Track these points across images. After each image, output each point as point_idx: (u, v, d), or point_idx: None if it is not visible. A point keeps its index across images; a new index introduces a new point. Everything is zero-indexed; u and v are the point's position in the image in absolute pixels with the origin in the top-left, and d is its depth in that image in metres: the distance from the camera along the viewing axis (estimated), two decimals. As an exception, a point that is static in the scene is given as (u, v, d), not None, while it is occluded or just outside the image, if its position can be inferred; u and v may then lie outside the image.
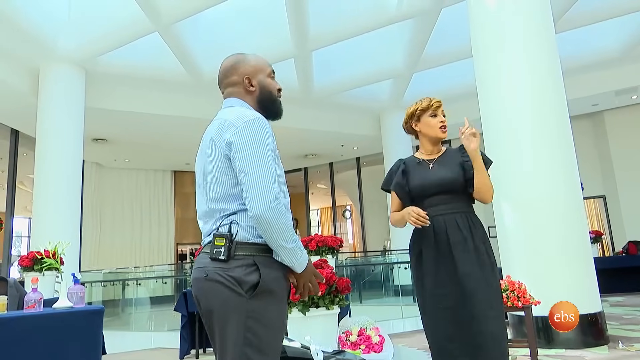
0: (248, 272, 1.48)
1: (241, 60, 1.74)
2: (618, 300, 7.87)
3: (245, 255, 1.50)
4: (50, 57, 8.10)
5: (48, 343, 2.99)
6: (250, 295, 1.47)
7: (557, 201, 4.72)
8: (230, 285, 1.47)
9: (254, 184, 1.47)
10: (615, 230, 11.44)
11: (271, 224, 1.45)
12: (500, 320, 2.26)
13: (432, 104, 2.49)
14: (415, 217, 2.27)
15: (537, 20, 5.12)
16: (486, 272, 2.28)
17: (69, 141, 8.25)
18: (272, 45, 8.51)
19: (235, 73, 1.72)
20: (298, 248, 1.52)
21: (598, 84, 10.21)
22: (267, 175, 1.48)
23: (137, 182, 14.73)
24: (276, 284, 1.52)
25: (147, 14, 7.11)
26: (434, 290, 2.32)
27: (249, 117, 1.55)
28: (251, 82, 1.72)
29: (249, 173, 1.48)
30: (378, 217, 14.42)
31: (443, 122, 2.47)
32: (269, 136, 1.56)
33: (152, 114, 9.91)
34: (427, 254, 2.37)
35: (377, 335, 3.52)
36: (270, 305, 1.49)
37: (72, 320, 3.11)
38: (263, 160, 1.50)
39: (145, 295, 10.45)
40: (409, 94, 10.76)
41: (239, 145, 1.51)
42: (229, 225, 1.52)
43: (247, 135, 1.51)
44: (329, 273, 3.24)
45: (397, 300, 9.07)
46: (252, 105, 1.72)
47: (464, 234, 2.32)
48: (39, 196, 8.04)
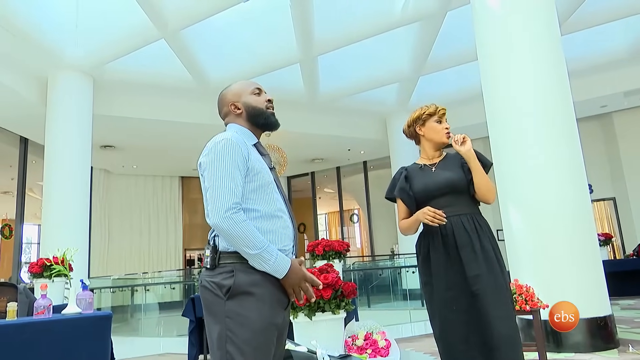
0: (226, 277, 1.63)
1: (225, 92, 1.93)
2: (629, 304, 7.78)
3: (227, 263, 1.65)
4: (59, 65, 8.20)
5: (57, 349, 3.01)
6: (227, 297, 1.61)
7: (565, 204, 4.68)
8: (212, 289, 1.64)
9: (211, 197, 1.63)
10: (625, 233, 11.32)
11: (228, 233, 1.59)
12: (512, 321, 2.26)
13: (438, 110, 2.56)
14: (431, 215, 2.28)
15: (542, 22, 5.10)
16: (495, 273, 2.29)
17: (78, 148, 8.33)
18: (278, 51, 8.56)
19: (224, 104, 1.90)
20: (265, 254, 1.60)
21: (606, 85, 10.13)
22: (222, 188, 1.61)
23: (145, 188, 14.81)
24: (253, 286, 1.62)
25: (154, 22, 7.18)
26: (445, 293, 2.32)
27: (218, 139, 1.71)
28: (236, 105, 1.87)
29: (209, 188, 1.64)
30: (386, 221, 14.39)
31: (448, 128, 2.53)
32: (234, 154, 1.67)
33: (159, 120, 9.98)
34: (435, 257, 2.38)
35: (384, 339, 3.52)
36: (247, 306, 1.60)
37: (81, 326, 3.13)
38: (220, 176, 1.63)
39: (153, 301, 10.48)
40: (415, 97, 10.76)
41: (204, 165, 1.69)
42: (213, 238, 1.70)
43: (212, 155, 1.67)
44: (334, 277, 3.24)
45: (406, 305, 9.04)
46: (244, 125, 1.87)
47: (471, 235, 2.33)
48: (48, 203, 8.11)
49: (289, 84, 9.66)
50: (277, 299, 1.66)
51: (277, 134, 10.29)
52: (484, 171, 2.42)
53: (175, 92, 9.57)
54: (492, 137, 5.25)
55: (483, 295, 2.24)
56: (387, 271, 11.11)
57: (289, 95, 9.98)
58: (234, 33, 8.44)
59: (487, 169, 2.46)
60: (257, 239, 1.60)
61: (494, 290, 2.25)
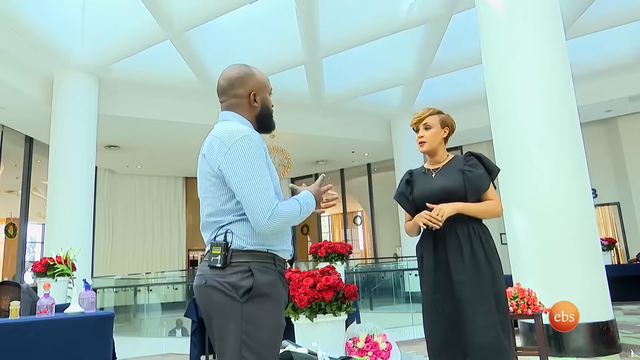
0: (243, 277, 1.55)
1: (249, 74, 1.77)
2: (632, 309, 7.74)
3: (240, 262, 1.57)
4: (64, 65, 8.24)
5: (59, 348, 3.03)
6: (245, 299, 1.53)
7: (568, 208, 4.67)
8: (226, 291, 1.54)
9: (250, 205, 1.55)
10: (629, 238, 11.26)
11: (278, 231, 1.60)
12: (495, 330, 2.19)
13: (412, 120, 2.55)
14: (426, 218, 2.28)
15: (547, 26, 5.09)
16: (482, 281, 2.25)
17: (82, 148, 8.37)
18: (283, 52, 8.58)
19: (243, 86, 1.74)
20: (304, 213, 1.64)
21: (611, 90, 10.10)
22: (260, 192, 1.55)
23: (149, 188, 14.85)
24: (271, 288, 1.58)
25: (160, 22, 7.21)
26: (433, 296, 2.35)
27: (239, 135, 1.60)
28: (256, 98, 1.76)
29: (245, 195, 1.56)
30: (389, 224, 14.36)
31: (421, 137, 2.50)
32: (260, 150, 1.61)
33: (163, 120, 10.02)
34: (427, 259, 2.41)
35: (385, 342, 3.52)
36: (265, 308, 1.55)
37: (83, 325, 3.15)
38: (254, 178, 1.56)
39: (156, 301, 10.51)
40: (420, 100, 10.74)
41: (231, 165, 1.57)
42: (224, 235, 1.60)
43: (238, 154, 1.57)
44: (335, 280, 3.25)
45: (408, 307, 9.03)
46: (249, 120, 1.76)
47: (461, 240, 2.32)
48: (52, 202, 8.14)
49: (294, 86, 9.68)
50: (284, 298, 1.66)
51: (281, 136, 10.31)
52: (488, 183, 2.40)
53: (180, 93, 9.60)
54: (496, 141, 5.25)
55: (465, 302, 2.23)
56: (390, 274, 11.09)
57: (294, 96, 9.99)
58: (240, 34, 8.47)
59: (494, 175, 2.45)
60: (294, 215, 1.61)
61: (478, 298, 2.22)
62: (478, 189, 2.39)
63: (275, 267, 1.63)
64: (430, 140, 2.49)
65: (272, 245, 1.64)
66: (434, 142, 2.50)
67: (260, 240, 1.61)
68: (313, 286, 3.26)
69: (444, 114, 2.55)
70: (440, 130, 2.51)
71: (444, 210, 2.28)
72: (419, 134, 2.52)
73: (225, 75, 1.78)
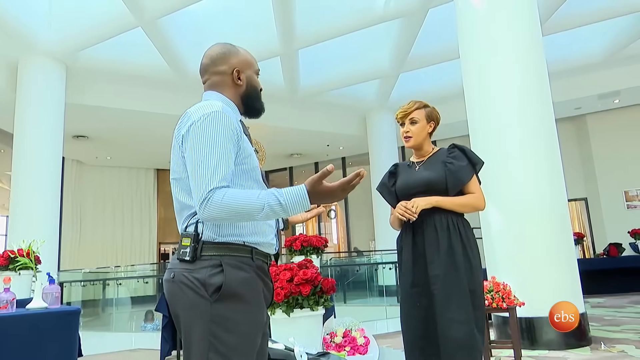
0: (213, 273, 1.39)
1: (232, 51, 1.66)
2: (599, 302, 7.95)
3: (212, 256, 1.42)
4: (30, 50, 7.90)
5: (21, 345, 2.87)
6: (215, 298, 1.38)
7: (542, 203, 4.73)
8: (194, 287, 1.39)
9: (191, 185, 1.40)
10: (596, 233, 11.57)
11: (223, 219, 1.36)
12: (469, 327, 2.17)
13: (398, 114, 2.51)
14: (402, 210, 2.25)
15: (525, 22, 5.13)
16: (458, 275, 2.23)
17: (48, 138, 8.05)
18: (258, 43, 8.42)
19: (225, 63, 1.63)
20: (270, 210, 1.36)
21: (581, 87, 10.32)
22: (205, 170, 1.37)
23: (119, 180, 14.49)
24: (244, 287, 1.42)
25: (131, 9, 6.97)
26: (410, 289, 2.33)
27: (208, 110, 1.45)
28: (239, 75, 1.64)
29: (190, 173, 1.42)
30: (364, 218, 14.39)
31: (407, 132, 2.47)
32: (227, 129, 1.44)
33: (134, 110, 9.73)
34: (405, 253, 2.39)
35: (362, 336, 3.48)
36: (237, 309, 1.40)
37: (47, 321, 3.00)
38: (207, 156, 1.39)
39: (126, 295, 10.27)
40: (395, 94, 10.75)
41: (190, 140, 1.43)
42: (195, 225, 1.45)
43: (200, 129, 1.42)
44: (313, 273, 3.18)
45: (382, 301, 9.05)
46: (233, 100, 1.64)
47: (439, 234, 2.30)
48: (16, 194, 7.83)
49: (269, 77, 9.53)
50: (264, 297, 1.52)
51: (256, 128, 10.15)
52: (470, 176, 2.37)
53: (152, 83, 9.35)
54: (472, 135, 5.27)
55: (439, 296, 2.22)
56: (364, 267, 11.10)
57: (269, 88, 9.72)
58: (214, 24, 8.28)
59: (479, 167, 2.42)
60: (251, 205, 1.34)
61: (453, 293, 2.20)
62: (459, 180, 2.36)
63: (252, 262, 1.46)
64: (416, 136, 2.46)
65: (249, 237, 1.46)
66: (419, 137, 2.47)
67: (236, 231, 1.44)
68: (290, 280, 3.19)
69: (430, 107, 2.52)
70: (426, 125, 2.48)
71: (418, 202, 2.26)
72: (405, 128, 2.48)
73: (207, 54, 1.68)
